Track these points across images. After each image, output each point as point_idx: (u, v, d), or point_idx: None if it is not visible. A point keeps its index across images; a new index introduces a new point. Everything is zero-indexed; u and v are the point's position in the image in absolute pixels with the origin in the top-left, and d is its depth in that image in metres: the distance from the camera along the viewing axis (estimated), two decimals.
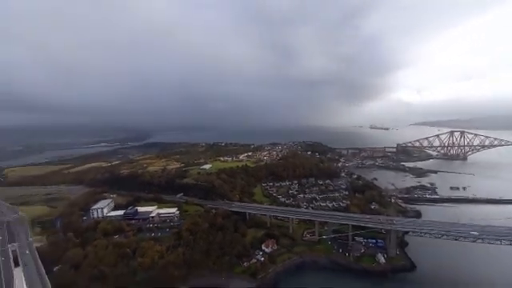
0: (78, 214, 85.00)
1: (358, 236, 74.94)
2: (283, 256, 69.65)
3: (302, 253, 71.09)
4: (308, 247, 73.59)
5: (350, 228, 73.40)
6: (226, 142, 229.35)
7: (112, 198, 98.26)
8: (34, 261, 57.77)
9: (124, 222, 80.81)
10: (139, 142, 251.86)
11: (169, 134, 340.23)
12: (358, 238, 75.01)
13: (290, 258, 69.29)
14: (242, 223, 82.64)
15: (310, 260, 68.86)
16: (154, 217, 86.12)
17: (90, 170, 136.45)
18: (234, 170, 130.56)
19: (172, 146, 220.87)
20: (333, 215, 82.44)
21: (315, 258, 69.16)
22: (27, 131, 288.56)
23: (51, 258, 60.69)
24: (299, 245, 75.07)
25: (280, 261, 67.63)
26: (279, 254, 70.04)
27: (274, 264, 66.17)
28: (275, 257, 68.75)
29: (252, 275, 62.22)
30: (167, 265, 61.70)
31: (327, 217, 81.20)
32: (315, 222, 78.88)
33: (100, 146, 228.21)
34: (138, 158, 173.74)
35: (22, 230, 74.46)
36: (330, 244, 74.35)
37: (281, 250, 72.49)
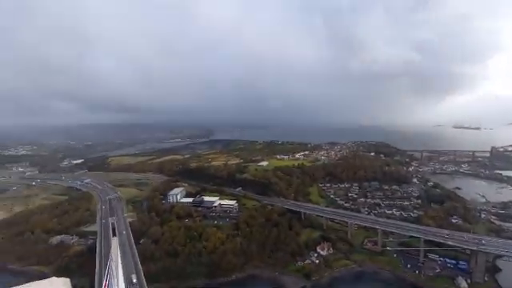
0: (159, 198, 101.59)
1: (431, 253, 64.64)
2: (340, 262, 66.45)
3: (361, 261, 66.17)
4: (368, 256, 67.91)
5: (421, 242, 63.96)
6: (283, 140, 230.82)
7: (184, 187, 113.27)
8: (126, 232, 72.09)
9: (192, 209, 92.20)
10: (205, 139, 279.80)
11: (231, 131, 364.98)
12: (432, 255, 64.63)
13: (347, 265, 65.53)
14: (296, 222, 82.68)
15: (371, 271, 63.34)
16: (217, 207, 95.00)
17: (167, 162, 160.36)
18: (289, 168, 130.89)
19: (233, 142, 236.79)
20: (401, 225, 73.32)
21: (377, 270, 63.18)
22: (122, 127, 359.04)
23: (139, 232, 74.79)
24: (358, 252, 70.09)
25: (336, 266, 64.84)
26: (336, 259, 67.17)
27: (329, 268, 64.00)
28: (331, 261, 66.29)
29: (306, 276, 61.84)
30: (226, 251, 67.68)
31: (394, 226, 72.78)
32: (378, 231, 71.83)
33: (175, 141, 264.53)
34: (204, 153, 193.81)
35: (119, 207, 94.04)
36: (395, 257, 66.64)
37: (337, 254, 69.34)
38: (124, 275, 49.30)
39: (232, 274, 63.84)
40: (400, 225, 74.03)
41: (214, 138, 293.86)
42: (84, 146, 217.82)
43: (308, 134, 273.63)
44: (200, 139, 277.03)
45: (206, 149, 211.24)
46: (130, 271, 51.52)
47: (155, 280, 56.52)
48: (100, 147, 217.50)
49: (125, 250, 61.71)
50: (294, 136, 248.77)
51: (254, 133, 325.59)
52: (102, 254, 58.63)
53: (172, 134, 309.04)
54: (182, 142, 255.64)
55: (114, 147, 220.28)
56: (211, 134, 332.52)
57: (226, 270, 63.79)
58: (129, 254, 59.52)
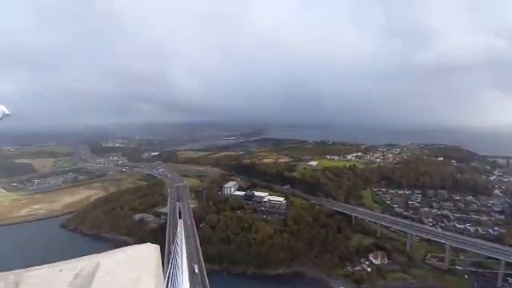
0: (216, 189, 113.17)
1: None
2: (396, 274, 62.21)
3: (422, 277, 60.44)
4: (432, 273, 61.33)
5: (502, 265, 54.25)
6: (334, 140, 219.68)
7: (237, 181, 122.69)
8: (189, 216, 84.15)
9: (244, 202, 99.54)
10: (257, 137, 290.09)
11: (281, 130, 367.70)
12: None
13: (405, 278, 60.95)
14: (346, 225, 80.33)
15: None
16: (266, 202, 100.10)
17: (223, 157, 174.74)
18: (340, 170, 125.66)
19: (283, 141, 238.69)
20: (476, 243, 63.21)
21: None
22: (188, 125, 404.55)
23: (199, 217, 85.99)
24: (419, 267, 63.97)
25: (391, 278, 61.04)
26: (391, 271, 63.13)
27: (382, 278, 60.82)
28: (385, 272, 62.69)
29: (356, 282, 60.47)
30: (274, 245, 71.71)
31: (467, 244, 63.36)
32: (446, 246, 63.80)
33: (230, 138, 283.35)
34: (256, 150, 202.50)
35: (184, 194, 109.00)
36: (466, 278, 58.37)
37: (393, 266, 64.92)
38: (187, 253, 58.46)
39: (279, 267, 67.29)
40: (475, 242, 63.77)
41: (266, 136, 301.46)
42: (159, 141, 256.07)
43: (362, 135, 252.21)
44: (252, 137, 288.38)
45: (257, 147, 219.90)
46: (192, 252, 60.43)
47: (211, 262, 64.62)
48: (171, 142, 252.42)
49: (187, 230, 72.52)
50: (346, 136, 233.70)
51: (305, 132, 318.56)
52: (170, 232, 70.64)
53: (228, 132, 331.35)
54: (237, 140, 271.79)
55: (181, 142, 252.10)
56: (263, 132, 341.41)
57: (273, 262, 67.66)
58: (191, 235, 69.90)
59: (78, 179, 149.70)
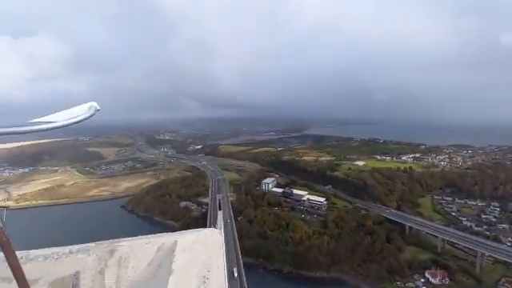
0: (254, 184, 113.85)
1: None
2: None
3: None
4: None
5: None
6: (386, 138, 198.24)
7: (275, 178, 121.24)
8: (228, 209, 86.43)
9: (282, 199, 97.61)
10: (298, 133, 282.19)
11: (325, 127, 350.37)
12: None
13: None
14: (397, 235, 71.39)
15: None
16: (305, 201, 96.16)
17: (262, 153, 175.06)
18: (393, 172, 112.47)
19: (325, 138, 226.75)
20: None
21: None
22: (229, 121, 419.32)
23: (237, 210, 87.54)
24: None
25: None
26: None
27: None
28: None
29: None
30: (312, 246, 68.18)
31: None
32: None
33: (270, 134, 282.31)
34: (295, 146, 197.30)
35: (224, 187, 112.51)
36: None
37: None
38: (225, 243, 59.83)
39: (317, 270, 63.95)
40: None
41: (307, 132, 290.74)
42: (203, 135, 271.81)
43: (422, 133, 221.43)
44: (292, 133, 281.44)
45: (297, 143, 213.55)
46: (229, 242, 61.62)
47: (248, 254, 65.06)
48: (213, 136, 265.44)
49: (226, 222, 74.61)
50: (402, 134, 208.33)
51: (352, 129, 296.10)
52: (211, 221, 73.65)
53: (267, 127, 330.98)
54: (276, 136, 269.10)
55: (222, 137, 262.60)
56: (304, 128, 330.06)
57: (310, 264, 64.61)
58: (229, 226, 71.71)
59: (135, 167, 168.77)
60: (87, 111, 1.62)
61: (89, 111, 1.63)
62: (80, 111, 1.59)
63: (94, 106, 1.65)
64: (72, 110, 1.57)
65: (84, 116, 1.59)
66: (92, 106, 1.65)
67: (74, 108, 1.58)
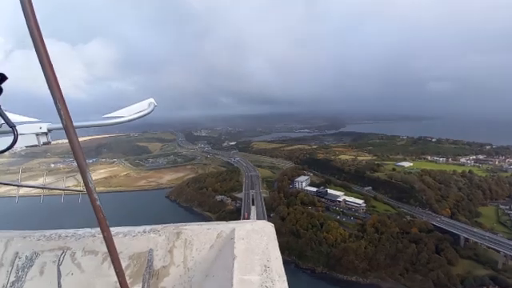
0: (287, 182, 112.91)
1: None
2: None
3: None
4: None
5: None
6: (440, 137, 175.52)
7: (309, 176, 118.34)
8: (261, 205, 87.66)
9: (316, 198, 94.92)
10: (334, 130, 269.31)
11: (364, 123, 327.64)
12: None
13: None
14: (449, 247, 63.56)
15: None
16: (341, 202, 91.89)
17: (296, 150, 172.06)
18: (447, 175, 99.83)
19: (365, 136, 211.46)
20: None
21: None
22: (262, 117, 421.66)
23: (269, 207, 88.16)
24: None
25: None
26: None
27: None
28: None
29: None
30: (348, 250, 65.01)
31: None
32: None
33: (304, 131, 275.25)
34: (331, 145, 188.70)
35: (257, 183, 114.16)
36: None
37: None
38: None
39: (352, 274, 61.13)
40: None
41: (345, 130, 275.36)
42: (237, 132, 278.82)
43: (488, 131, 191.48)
44: (328, 130, 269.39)
45: (333, 141, 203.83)
46: None
47: (280, 250, 65.08)
48: (247, 133, 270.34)
49: (259, 217, 75.58)
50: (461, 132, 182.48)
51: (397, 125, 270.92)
52: (244, 215, 75.66)
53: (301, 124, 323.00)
54: (311, 133, 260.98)
55: (256, 134, 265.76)
56: (342, 125, 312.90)
57: (345, 268, 62.00)
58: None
59: (176, 161, 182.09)
60: (147, 107, 1.79)
61: (149, 107, 1.80)
62: (141, 107, 1.76)
63: (152, 102, 1.82)
64: (134, 106, 1.75)
65: (145, 112, 1.77)
66: (151, 102, 1.81)
67: (135, 104, 1.76)
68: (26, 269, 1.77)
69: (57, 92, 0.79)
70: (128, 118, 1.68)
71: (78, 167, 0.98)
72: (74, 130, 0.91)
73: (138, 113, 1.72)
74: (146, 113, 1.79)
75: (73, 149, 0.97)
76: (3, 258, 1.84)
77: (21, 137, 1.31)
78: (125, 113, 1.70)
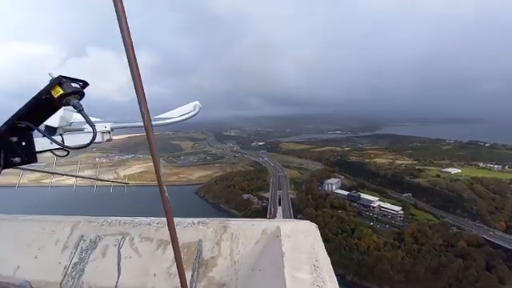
0: (316, 184, 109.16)
1: None
2: None
3: None
4: None
5: None
6: (495, 141, 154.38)
7: (340, 179, 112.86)
8: (288, 205, 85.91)
9: (347, 202, 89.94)
10: (369, 133, 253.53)
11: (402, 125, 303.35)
12: None
13: None
14: (502, 264, 55.07)
15: None
16: (375, 207, 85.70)
17: (327, 152, 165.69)
18: (503, 184, 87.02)
19: (404, 139, 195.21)
20: None
21: None
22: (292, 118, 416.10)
23: (297, 209, 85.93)
24: None
25: None
26: None
27: None
28: None
29: None
30: (382, 259, 60.09)
31: None
32: None
33: (335, 133, 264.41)
34: (366, 147, 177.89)
35: (285, 184, 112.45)
36: None
37: None
38: None
39: (387, 286, 56.33)
40: None
41: (381, 132, 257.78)
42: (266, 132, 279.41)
43: None
44: (363, 132, 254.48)
45: (368, 143, 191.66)
46: None
47: None
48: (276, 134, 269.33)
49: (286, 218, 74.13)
50: None
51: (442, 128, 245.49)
52: (270, 215, 74.74)
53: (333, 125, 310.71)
54: (343, 135, 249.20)
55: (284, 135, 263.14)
56: (377, 127, 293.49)
57: (379, 278, 57.41)
58: None
59: (206, 159, 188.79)
60: (193, 109, 1.86)
61: (194, 109, 1.86)
62: (188, 109, 1.84)
63: (197, 104, 1.87)
64: (181, 108, 1.83)
65: (192, 113, 1.84)
66: (196, 104, 1.87)
67: (182, 107, 1.84)
68: (89, 251, 1.91)
69: (141, 95, 0.90)
70: (176, 119, 1.78)
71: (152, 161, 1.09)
72: (151, 129, 1.01)
73: (185, 114, 1.80)
74: (193, 114, 1.85)
75: (149, 145, 1.09)
76: (68, 241, 1.99)
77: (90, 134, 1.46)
78: (173, 114, 1.79)
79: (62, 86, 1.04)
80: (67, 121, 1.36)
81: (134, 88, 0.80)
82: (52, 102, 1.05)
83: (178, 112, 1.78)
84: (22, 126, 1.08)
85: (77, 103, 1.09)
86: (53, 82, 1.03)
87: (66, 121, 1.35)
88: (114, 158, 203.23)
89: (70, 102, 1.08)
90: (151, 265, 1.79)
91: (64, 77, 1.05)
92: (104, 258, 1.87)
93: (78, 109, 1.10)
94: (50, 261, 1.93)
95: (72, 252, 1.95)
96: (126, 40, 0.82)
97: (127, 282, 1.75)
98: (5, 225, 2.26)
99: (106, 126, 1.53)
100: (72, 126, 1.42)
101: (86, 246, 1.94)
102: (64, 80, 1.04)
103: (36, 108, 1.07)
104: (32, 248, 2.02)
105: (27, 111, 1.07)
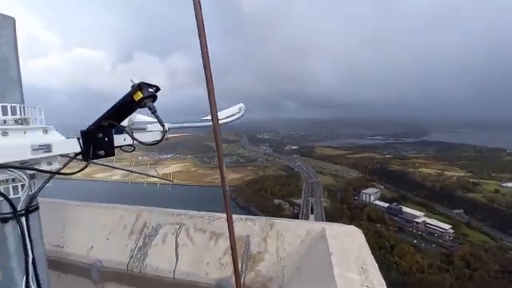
0: (352, 193, 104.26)
1: None
2: None
3: None
4: None
5: None
6: None
7: (379, 189, 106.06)
8: (320, 214, 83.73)
9: (386, 215, 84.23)
10: (414, 139, 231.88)
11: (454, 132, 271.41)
12: None
13: None
14: None
15: None
16: (420, 223, 78.68)
17: (365, 159, 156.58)
18: None
19: (456, 147, 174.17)
20: None
21: None
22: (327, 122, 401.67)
23: (330, 218, 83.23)
24: None
25: None
26: None
27: None
28: None
29: None
30: (427, 282, 55.07)
31: None
32: None
33: (375, 138, 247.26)
34: (410, 155, 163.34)
35: (318, 190, 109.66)
36: None
37: None
38: None
39: None
40: None
41: (428, 138, 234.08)
42: (299, 136, 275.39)
43: None
44: (407, 139, 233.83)
45: (412, 151, 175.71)
46: None
47: None
48: (310, 138, 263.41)
49: None
50: None
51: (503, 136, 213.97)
52: None
53: (373, 130, 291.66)
54: (384, 140, 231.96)
55: (319, 139, 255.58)
56: (424, 133, 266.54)
57: None
58: None
59: (239, 161, 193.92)
60: (238, 111, 1.90)
61: (240, 111, 1.91)
62: (233, 111, 1.88)
63: (242, 106, 1.93)
64: (227, 110, 1.86)
65: (238, 115, 1.89)
66: (241, 107, 1.93)
67: (228, 109, 1.87)
68: (152, 237, 2.15)
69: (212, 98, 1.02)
70: (224, 120, 1.78)
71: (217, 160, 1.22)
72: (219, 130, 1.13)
73: (230, 116, 1.83)
74: (238, 117, 1.90)
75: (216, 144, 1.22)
76: (134, 227, 2.26)
77: (150, 133, 1.69)
78: (221, 116, 1.79)
79: (142, 91, 1.16)
80: (132, 121, 1.52)
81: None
82: (132, 104, 1.19)
83: (224, 114, 1.83)
84: (105, 124, 1.25)
85: (151, 105, 1.21)
86: (135, 87, 1.16)
87: (132, 121, 1.51)
88: (155, 156, 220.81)
89: (147, 105, 1.20)
90: (205, 254, 1.96)
91: (144, 83, 1.17)
92: (164, 244, 2.08)
93: (152, 110, 1.22)
94: (119, 243, 2.19)
95: (137, 237, 2.19)
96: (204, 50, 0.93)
97: (184, 267, 1.94)
98: (82, 210, 2.58)
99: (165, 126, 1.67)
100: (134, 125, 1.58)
101: (148, 233, 2.18)
102: (144, 85, 1.16)
103: (119, 109, 1.23)
104: (104, 231, 2.30)
105: (113, 112, 1.23)
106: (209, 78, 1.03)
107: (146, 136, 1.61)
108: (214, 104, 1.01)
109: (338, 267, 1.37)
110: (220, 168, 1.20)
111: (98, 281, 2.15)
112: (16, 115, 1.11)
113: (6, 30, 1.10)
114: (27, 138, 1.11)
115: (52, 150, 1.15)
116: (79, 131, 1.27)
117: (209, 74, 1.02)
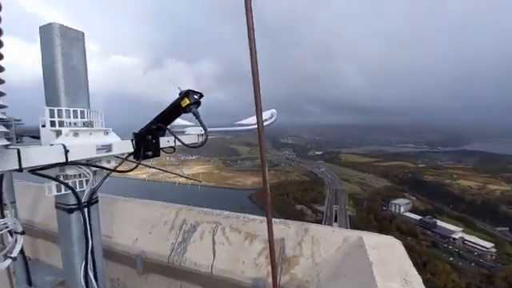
0: (380, 203, 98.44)
1: None
2: None
3: None
4: None
5: None
6: None
7: (410, 200, 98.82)
8: (345, 223, 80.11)
9: (419, 229, 78.08)
10: (452, 148, 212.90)
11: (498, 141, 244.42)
12: None
13: None
14: None
15: None
16: (457, 239, 71.59)
17: (395, 168, 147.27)
18: None
19: (501, 158, 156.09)
20: None
21: None
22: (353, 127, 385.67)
23: (355, 227, 79.25)
24: None
25: None
26: None
27: None
28: None
29: None
30: None
31: None
32: None
33: (407, 146, 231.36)
34: (447, 165, 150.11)
35: (342, 198, 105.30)
36: None
37: None
38: None
39: None
40: None
41: (468, 147, 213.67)
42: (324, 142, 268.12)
43: None
44: (443, 147, 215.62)
45: (450, 161, 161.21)
46: None
47: None
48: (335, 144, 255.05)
49: None
50: None
51: None
52: None
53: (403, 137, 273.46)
54: (416, 148, 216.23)
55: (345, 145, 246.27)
56: (464, 141, 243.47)
57: None
58: None
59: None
60: (270, 116, 1.93)
61: (272, 117, 1.94)
62: (265, 116, 1.90)
63: (274, 112, 1.94)
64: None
65: (271, 120, 1.92)
66: (273, 112, 1.95)
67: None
68: (190, 233, 2.26)
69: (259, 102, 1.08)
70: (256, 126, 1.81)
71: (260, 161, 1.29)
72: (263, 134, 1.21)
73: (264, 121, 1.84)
74: (271, 122, 1.92)
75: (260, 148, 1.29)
76: (174, 223, 2.39)
77: (187, 136, 1.76)
78: (252, 121, 1.82)
79: (189, 97, 1.24)
80: (172, 125, 1.60)
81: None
82: (179, 109, 1.28)
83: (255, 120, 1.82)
84: (154, 127, 1.36)
85: (196, 111, 1.28)
86: (183, 94, 1.24)
87: (172, 125, 1.59)
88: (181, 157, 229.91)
89: (192, 110, 1.27)
90: (240, 253, 2.00)
91: (191, 90, 1.25)
92: (201, 241, 2.17)
93: (196, 116, 1.29)
94: (161, 237, 2.32)
95: (177, 232, 2.30)
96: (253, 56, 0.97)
97: (221, 264, 2.01)
98: (128, 205, 2.78)
99: (201, 130, 1.71)
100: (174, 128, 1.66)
101: (187, 229, 2.28)
102: (190, 92, 1.24)
103: (168, 114, 1.33)
104: (147, 225, 2.46)
105: (162, 117, 1.34)
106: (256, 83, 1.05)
107: (183, 139, 1.67)
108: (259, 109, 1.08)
109: (380, 277, 1.32)
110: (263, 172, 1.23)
111: (142, 270, 2.34)
112: (84, 118, 1.27)
113: (77, 43, 1.24)
114: (92, 138, 1.26)
115: (112, 149, 1.28)
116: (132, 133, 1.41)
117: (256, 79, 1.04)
